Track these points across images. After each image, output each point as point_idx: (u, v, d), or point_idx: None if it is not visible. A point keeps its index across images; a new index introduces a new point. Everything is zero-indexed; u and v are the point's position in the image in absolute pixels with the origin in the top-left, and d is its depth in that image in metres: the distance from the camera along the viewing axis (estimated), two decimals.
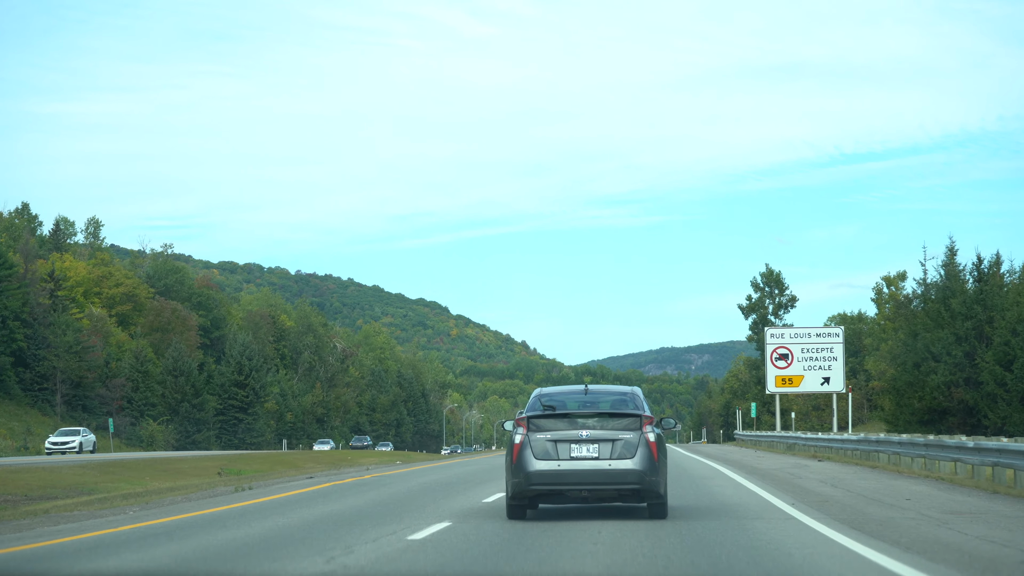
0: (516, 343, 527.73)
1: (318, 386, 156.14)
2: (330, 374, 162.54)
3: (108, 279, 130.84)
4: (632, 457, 17.94)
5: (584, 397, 19.12)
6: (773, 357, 73.75)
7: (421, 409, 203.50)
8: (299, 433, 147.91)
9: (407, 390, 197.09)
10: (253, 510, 23.22)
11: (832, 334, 74.16)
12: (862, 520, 18.59)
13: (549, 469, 18.03)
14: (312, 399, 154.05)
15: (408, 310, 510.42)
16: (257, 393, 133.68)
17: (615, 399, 19.16)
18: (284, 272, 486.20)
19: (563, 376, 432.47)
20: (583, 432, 18.05)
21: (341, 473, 45.07)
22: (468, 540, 16.26)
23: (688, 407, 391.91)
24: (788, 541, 15.67)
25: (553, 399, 18.97)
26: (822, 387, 73.74)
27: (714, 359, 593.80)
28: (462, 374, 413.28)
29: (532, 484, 18.10)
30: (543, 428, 18.22)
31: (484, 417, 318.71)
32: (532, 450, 18.13)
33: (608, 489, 18.23)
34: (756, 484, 29.45)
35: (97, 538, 17.92)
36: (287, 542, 16.45)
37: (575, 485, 18.14)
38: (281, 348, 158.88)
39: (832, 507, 21.19)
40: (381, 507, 23.07)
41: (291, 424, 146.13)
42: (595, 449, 17.99)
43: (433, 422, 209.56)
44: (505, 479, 19.08)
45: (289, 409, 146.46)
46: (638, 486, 18.04)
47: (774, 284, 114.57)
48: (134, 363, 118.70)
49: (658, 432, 18.54)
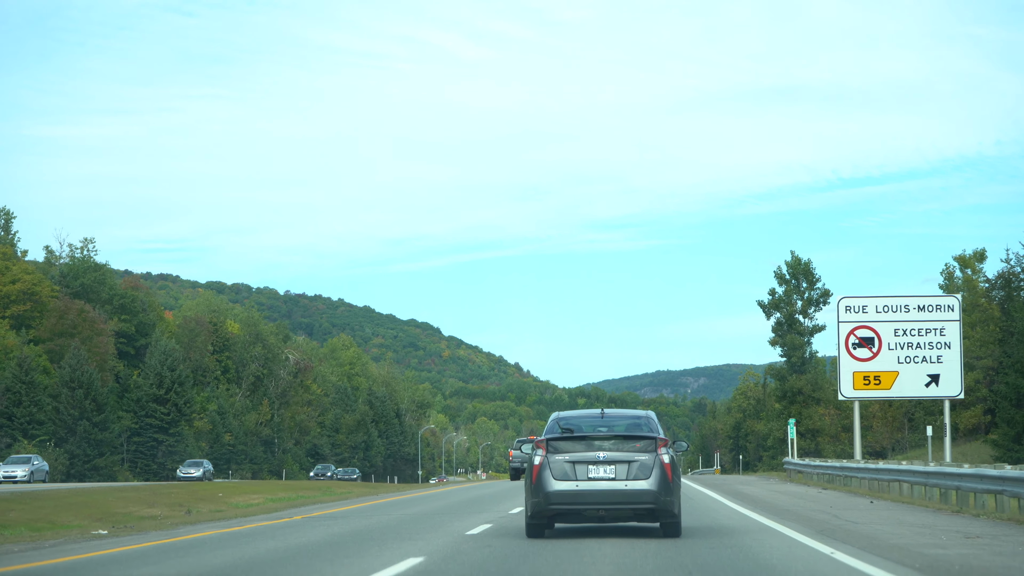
0: (509, 365, 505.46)
1: (265, 403, 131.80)
2: (281, 390, 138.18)
3: (3, 274, 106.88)
4: (647, 478, 18.13)
5: (600, 420, 19.28)
6: (850, 344, 46.97)
7: (394, 431, 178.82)
8: (240, 458, 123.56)
9: (378, 409, 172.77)
10: None
11: (944, 307, 47.01)
12: None
13: (568, 489, 18.24)
14: (258, 418, 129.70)
15: (399, 331, 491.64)
16: (180, 410, 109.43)
17: (630, 422, 19.30)
18: (273, 292, 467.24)
19: (556, 399, 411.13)
20: (600, 454, 18.26)
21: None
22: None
23: (685, 430, 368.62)
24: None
25: (570, 422, 19.18)
26: (928, 390, 47.50)
27: (710, 382, 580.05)
28: (452, 395, 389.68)
29: (551, 504, 18.34)
30: (561, 450, 18.40)
31: (471, 440, 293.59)
32: (551, 471, 18.32)
33: (624, 509, 18.37)
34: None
35: None
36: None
37: (592, 505, 18.30)
38: (224, 360, 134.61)
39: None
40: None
41: (230, 447, 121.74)
42: (612, 470, 18.22)
43: (408, 445, 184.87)
44: (524, 499, 19.31)
45: (228, 430, 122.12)
46: (653, 506, 18.23)
47: (802, 276, 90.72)
48: (17, 372, 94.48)
49: (672, 454, 18.55)
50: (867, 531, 20.71)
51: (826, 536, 19.97)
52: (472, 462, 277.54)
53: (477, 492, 48.38)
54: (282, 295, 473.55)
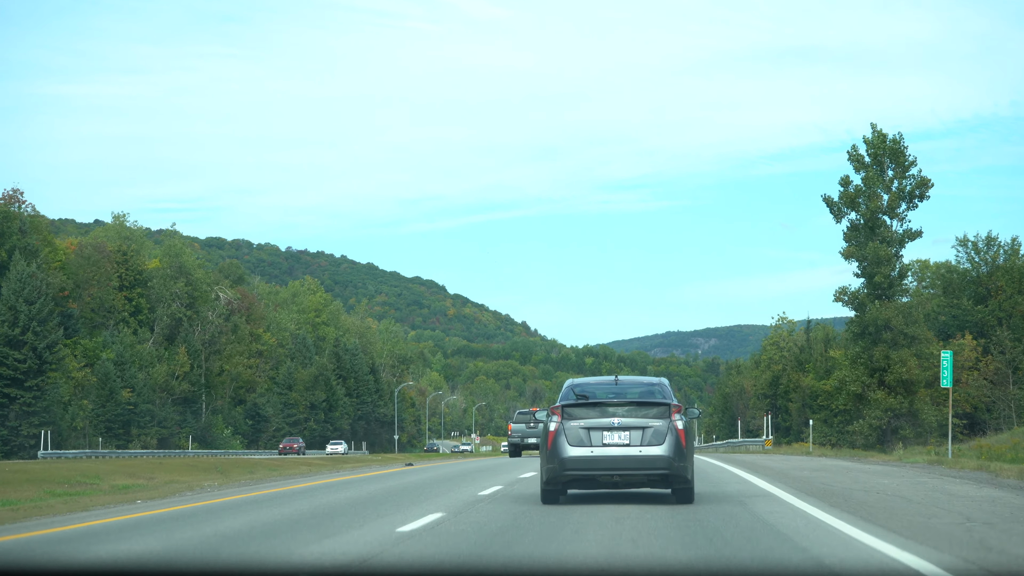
0: (516, 324, 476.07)
1: (183, 351, 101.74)
2: (209, 336, 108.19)
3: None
4: (661, 444, 17.53)
5: (615, 387, 18.68)
6: None
7: (367, 389, 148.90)
8: (143, 419, 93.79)
9: (346, 364, 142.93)
10: None
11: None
12: None
13: (582, 455, 17.62)
14: (170, 369, 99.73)
15: (403, 288, 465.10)
16: (41, 356, 79.82)
17: (644, 389, 18.76)
18: (274, 249, 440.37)
19: (563, 358, 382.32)
20: (615, 420, 17.70)
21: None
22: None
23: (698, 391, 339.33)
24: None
25: (585, 389, 18.69)
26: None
27: (721, 343, 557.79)
28: (453, 354, 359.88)
29: (567, 469, 17.65)
30: (576, 416, 17.79)
31: (469, 401, 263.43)
32: (566, 437, 17.71)
33: (638, 474, 17.73)
34: None
35: None
36: None
37: (607, 471, 17.71)
38: (136, 298, 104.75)
39: None
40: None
41: (129, 406, 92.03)
42: (626, 436, 17.65)
43: (385, 406, 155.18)
44: (540, 465, 18.78)
45: (128, 384, 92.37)
46: (667, 471, 17.54)
47: (889, 158, 60.13)
48: None
49: (685, 420, 17.88)
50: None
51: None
52: (468, 425, 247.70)
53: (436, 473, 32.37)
54: (283, 251, 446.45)
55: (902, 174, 59.80)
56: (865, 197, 59.40)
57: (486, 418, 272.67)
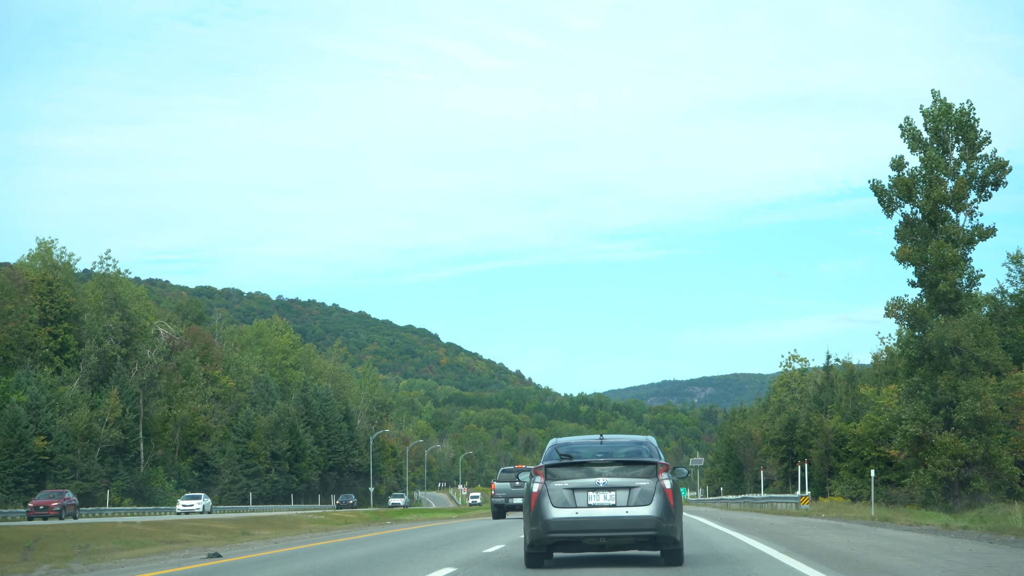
0: (510, 372, 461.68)
1: (114, 393, 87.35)
2: (148, 377, 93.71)
3: None
4: (649, 504, 16.50)
5: (600, 446, 17.77)
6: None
7: (339, 438, 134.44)
8: (60, 472, 79.38)
9: (316, 410, 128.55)
10: None
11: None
12: None
13: (567, 517, 16.60)
14: (97, 414, 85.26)
15: (395, 337, 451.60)
16: None
17: (630, 447, 17.71)
18: (264, 297, 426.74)
19: (557, 406, 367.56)
20: (600, 480, 16.66)
21: None
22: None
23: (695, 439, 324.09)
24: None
25: (569, 448, 17.72)
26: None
27: (717, 391, 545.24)
28: (445, 403, 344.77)
29: (551, 532, 16.66)
30: (560, 477, 16.79)
31: (457, 450, 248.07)
32: (550, 498, 16.70)
33: (625, 536, 16.65)
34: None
35: None
36: None
37: (593, 532, 16.63)
38: (62, 334, 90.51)
39: None
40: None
41: (43, 457, 77.66)
42: (612, 497, 16.64)
43: (360, 455, 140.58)
44: (523, 527, 17.92)
45: (41, 431, 78.02)
46: (655, 532, 16.56)
47: (956, 131, 45.89)
48: None
49: (673, 479, 16.90)
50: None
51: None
52: (456, 475, 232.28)
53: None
54: (274, 300, 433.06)
55: (971, 155, 45.85)
56: (924, 183, 45.44)
57: (476, 468, 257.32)
